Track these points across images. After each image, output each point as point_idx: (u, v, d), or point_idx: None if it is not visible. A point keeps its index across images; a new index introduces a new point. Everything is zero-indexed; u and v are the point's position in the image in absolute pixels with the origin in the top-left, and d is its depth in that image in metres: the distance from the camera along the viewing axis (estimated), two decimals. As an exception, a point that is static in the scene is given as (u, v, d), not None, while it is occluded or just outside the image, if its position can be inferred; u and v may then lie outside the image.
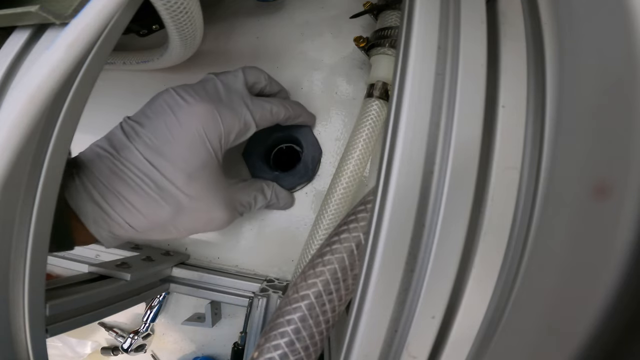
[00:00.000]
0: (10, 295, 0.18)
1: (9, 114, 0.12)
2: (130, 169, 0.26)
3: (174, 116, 0.26)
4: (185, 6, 0.25)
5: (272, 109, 0.31)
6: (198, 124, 0.26)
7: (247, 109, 0.29)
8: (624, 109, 0.07)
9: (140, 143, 0.26)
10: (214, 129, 0.27)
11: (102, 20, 0.14)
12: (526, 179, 0.15)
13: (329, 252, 0.19)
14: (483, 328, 0.14)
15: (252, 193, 0.32)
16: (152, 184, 0.26)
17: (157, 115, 0.27)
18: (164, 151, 0.26)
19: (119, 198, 0.26)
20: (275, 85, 0.33)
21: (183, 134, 0.26)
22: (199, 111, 0.26)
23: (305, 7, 0.40)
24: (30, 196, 0.18)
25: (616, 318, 0.06)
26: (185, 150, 0.26)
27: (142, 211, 0.26)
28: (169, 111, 0.27)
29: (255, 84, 0.31)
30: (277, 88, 0.34)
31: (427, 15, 0.16)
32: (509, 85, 0.15)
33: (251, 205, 0.33)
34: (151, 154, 0.26)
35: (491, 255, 0.14)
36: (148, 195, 0.26)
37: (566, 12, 0.08)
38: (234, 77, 0.30)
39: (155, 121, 0.27)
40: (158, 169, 0.26)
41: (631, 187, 0.06)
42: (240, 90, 0.30)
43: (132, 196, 0.26)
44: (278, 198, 0.35)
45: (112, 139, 0.27)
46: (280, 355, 0.18)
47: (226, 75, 0.30)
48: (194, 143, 0.26)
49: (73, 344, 0.42)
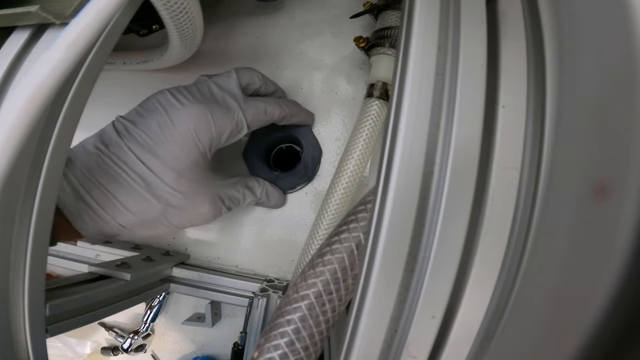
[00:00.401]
0: (10, 295, 0.18)
1: (9, 114, 0.12)
2: (120, 166, 0.26)
3: (167, 116, 0.27)
4: (185, 6, 0.25)
5: (266, 109, 0.31)
6: (190, 124, 0.27)
7: (240, 109, 0.29)
8: (624, 109, 0.07)
9: (131, 141, 0.26)
10: (206, 130, 0.27)
11: (102, 20, 0.14)
12: (526, 179, 0.15)
13: (329, 252, 0.19)
14: (483, 328, 0.14)
15: (241, 189, 0.33)
16: (142, 181, 0.26)
17: (150, 114, 0.27)
18: (155, 150, 0.26)
19: (106, 195, 0.25)
20: (270, 85, 0.33)
21: (175, 134, 0.26)
22: (191, 112, 0.27)
23: (305, 7, 0.40)
24: (30, 196, 0.18)
25: (616, 318, 0.06)
26: (177, 149, 0.27)
27: (130, 208, 0.26)
28: (162, 111, 0.27)
29: (249, 84, 0.31)
30: (273, 88, 0.34)
31: (427, 15, 0.16)
32: (509, 85, 0.15)
33: (239, 201, 0.33)
34: (142, 151, 0.26)
35: (491, 255, 0.14)
36: (137, 193, 0.26)
37: (566, 12, 0.08)
38: (227, 78, 0.30)
39: (148, 120, 0.27)
40: (148, 167, 0.26)
41: (631, 187, 0.06)
42: (234, 90, 0.30)
43: (120, 193, 0.26)
44: (268, 197, 0.35)
45: (103, 136, 0.27)
46: (280, 355, 0.18)
47: (219, 76, 0.30)
48: (186, 143, 0.27)
49: (73, 344, 0.42)
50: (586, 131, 0.07)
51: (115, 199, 0.26)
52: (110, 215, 0.26)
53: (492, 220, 0.14)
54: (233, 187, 0.32)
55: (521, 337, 0.07)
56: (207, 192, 0.29)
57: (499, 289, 0.14)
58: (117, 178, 0.26)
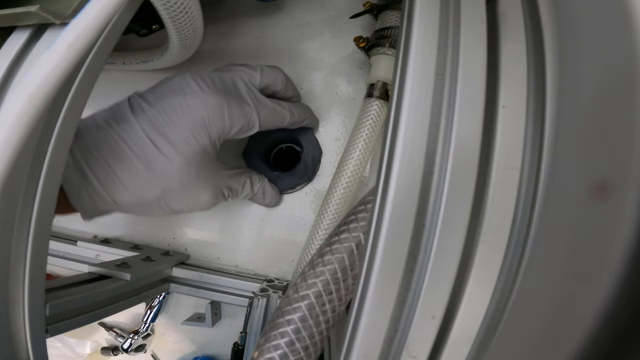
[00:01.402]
0: (10, 295, 0.18)
1: (9, 114, 0.12)
2: (129, 145, 0.25)
3: (184, 100, 0.26)
4: (185, 6, 0.25)
5: (280, 114, 0.31)
6: (204, 112, 0.26)
7: (255, 109, 0.29)
8: (624, 109, 0.07)
9: (144, 119, 0.26)
10: (219, 121, 0.27)
11: (102, 20, 0.14)
12: (526, 179, 0.15)
13: (329, 252, 0.19)
14: (483, 328, 0.14)
15: (241, 181, 0.33)
16: (147, 162, 0.26)
17: (168, 95, 0.27)
18: (166, 131, 0.26)
19: (108, 171, 0.25)
20: (290, 89, 0.33)
21: (189, 119, 0.26)
22: (209, 101, 0.27)
23: (305, 7, 0.40)
24: (30, 196, 0.18)
25: (616, 318, 0.06)
26: (188, 134, 0.26)
27: (129, 188, 0.26)
28: (181, 94, 0.27)
29: (269, 85, 0.31)
30: (292, 93, 0.34)
31: (427, 16, 0.16)
32: (509, 85, 0.15)
33: (238, 192, 0.33)
34: (153, 132, 0.26)
35: (491, 255, 0.14)
36: (140, 174, 0.26)
37: (566, 12, 0.08)
38: (252, 74, 0.30)
39: (165, 101, 0.27)
40: (158, 147, 0.26)
41: (631, 187, 0.06)
42: (254, 88, 0.30)
43: (123, 172, 0.25)
44: (264, 194, 0.35)
45: (116, 111, 0.27)
46: (280, 355, 0.18)
47: (244, 70, 0.30)
48: (197, 129, 0.27)
49: (73, 344, 0.42)
50: (586, 131, 0.07)
51: (116, 176, 0.25)
52: (108, 192, 0.25)
53: (492, 220, 0.14)
54: (235, 178, 0.32)
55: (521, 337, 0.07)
56: (210, 180, 0.29)
57: (499, 289, 0.14)
58: (123, 156, 0.25)
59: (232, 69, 0.30)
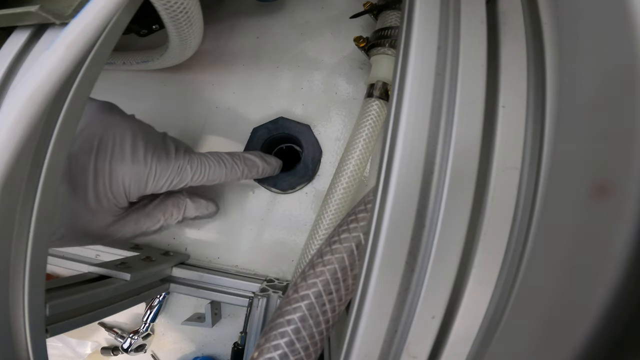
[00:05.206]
0: (10, 295, 0.18)
1: (9, 114, 0.12)
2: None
3: (108, 165, 0.27)
4: (185, 6, 0.25)
5: (211, 170, 0.31)
6: (126, 180, 0.28)
7: (189, 170, 0.30)
8: (624, 109, 0.07)
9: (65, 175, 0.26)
10: (136, 189, 0.28)
11: (102, 20, 0.14)
12: (526, 179, 0.15)
13: (329, 252, 0.19)
14: (483, 328, 0.14)
15: (157, 216, 0.33)
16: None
17: (94, 154, 0.27)
18: (80, 191, 0.26)
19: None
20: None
21: (108, 183, 0.27)
22: (132, 172, 0.28)
23: (305, 7, 0.40)
24: (30, 196, 0.18)
25: (616, 318, 0.06)
26: (105, 196, 0.27)
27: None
28: (108, 155, 0.27)
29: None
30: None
31: (427, 16, 0.16)
32: (509, 85, 0.15)
33: (160, 223, 0.33)
34: (69, 189, 0.26)
35: (491, 255, 0.14)
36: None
37: (566, 12, 0.08)
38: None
39: (88, 160, 0.27)
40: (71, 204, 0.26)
41: (631, 186, 0.06)
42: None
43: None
44: (197, 210, 0.36)
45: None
46: (280, 355, 0.18)
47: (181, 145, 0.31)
48: (115, 193, 0.28)
49: (73, 344, 0.42)
50: (586, 131, 0.07)
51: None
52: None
53: (492, 220, 0.14)
54: (148, 216, 0.33)
55: (521, 337, 0.07)
56: (120, 228, 0.30)
57: (499, 289, 0.14)
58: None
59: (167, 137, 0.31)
